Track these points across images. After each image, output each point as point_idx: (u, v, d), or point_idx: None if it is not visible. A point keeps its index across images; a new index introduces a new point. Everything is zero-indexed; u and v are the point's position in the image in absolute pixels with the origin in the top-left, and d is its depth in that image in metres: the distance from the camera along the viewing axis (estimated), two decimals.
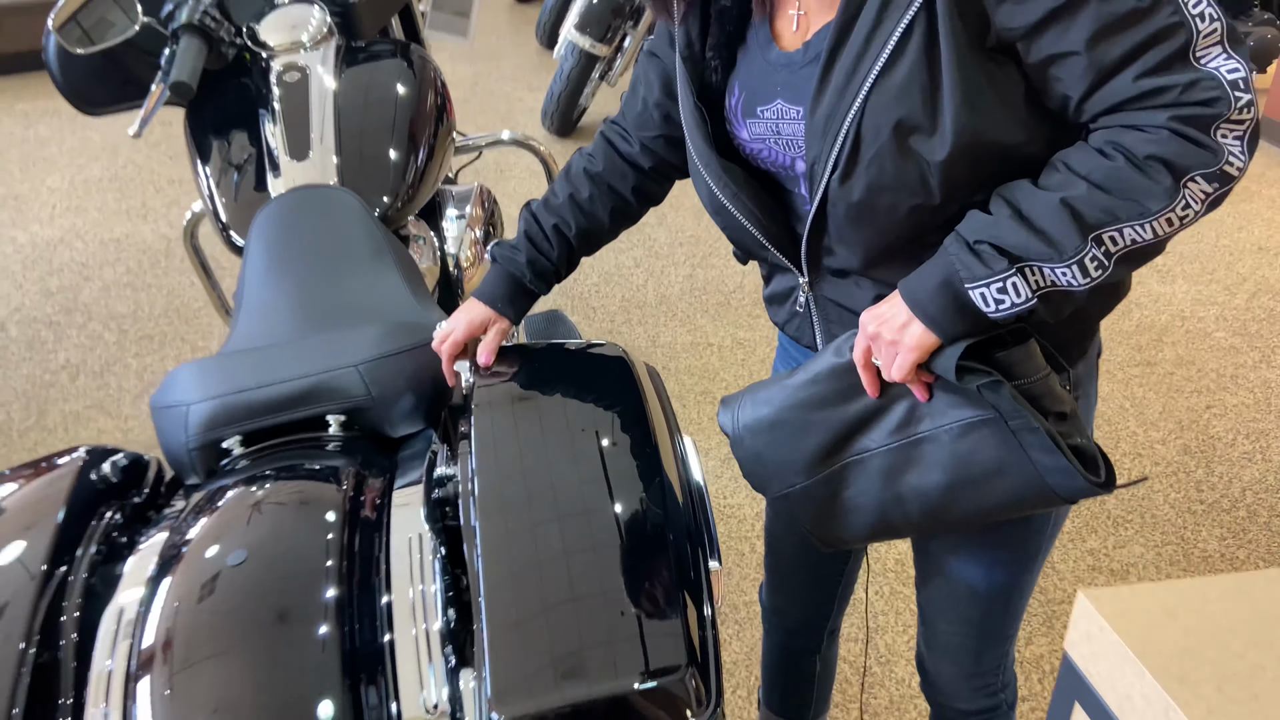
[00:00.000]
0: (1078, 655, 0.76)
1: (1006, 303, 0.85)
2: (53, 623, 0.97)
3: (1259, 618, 0.73)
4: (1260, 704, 0.66)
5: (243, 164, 1.69)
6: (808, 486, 1.02)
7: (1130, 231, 0.82)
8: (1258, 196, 3.95)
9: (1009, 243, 0.83)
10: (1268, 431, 2.57)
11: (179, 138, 4.28)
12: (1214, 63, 0.78)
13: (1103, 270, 0.83)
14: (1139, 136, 0.80)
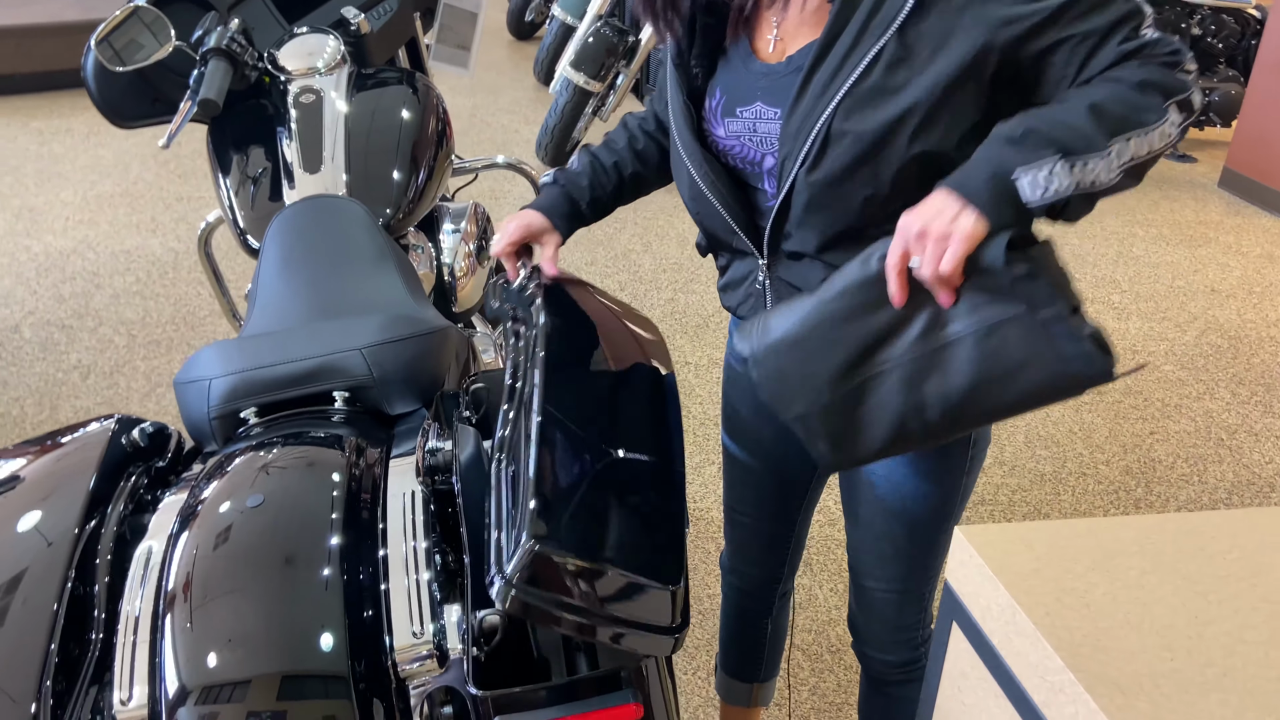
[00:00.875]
0: (954, 581, 0.93)
1: (1049, 191, 0.93)
2: (87, 567, 1.10)
3: (1101, 551, 0.89)
4: (1090, 610, 0.82)
5: (259, 175, 1.85)
6: (829, 404, 1.04)
7: (1134, 141, 0.95)
8: (1214, 242, 4.15)
9: (1053, 136, 0.94)
10: (1205, 456, 2.74)
11: (188, 158, 4.46)
12: (1160, 34, 0.99)
13: (1119, 173, 0.95)
14: (1129, 71, 0.97)
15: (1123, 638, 0.79)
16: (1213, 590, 0.85)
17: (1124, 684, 0.75)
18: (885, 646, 1.34)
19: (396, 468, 1.23)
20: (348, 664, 0.98)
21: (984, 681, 0.88)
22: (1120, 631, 0.80)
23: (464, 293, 2.02)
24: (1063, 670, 0.77)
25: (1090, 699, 0.74)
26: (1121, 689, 0.75)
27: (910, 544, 1.24)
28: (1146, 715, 0.72)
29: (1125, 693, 0.74)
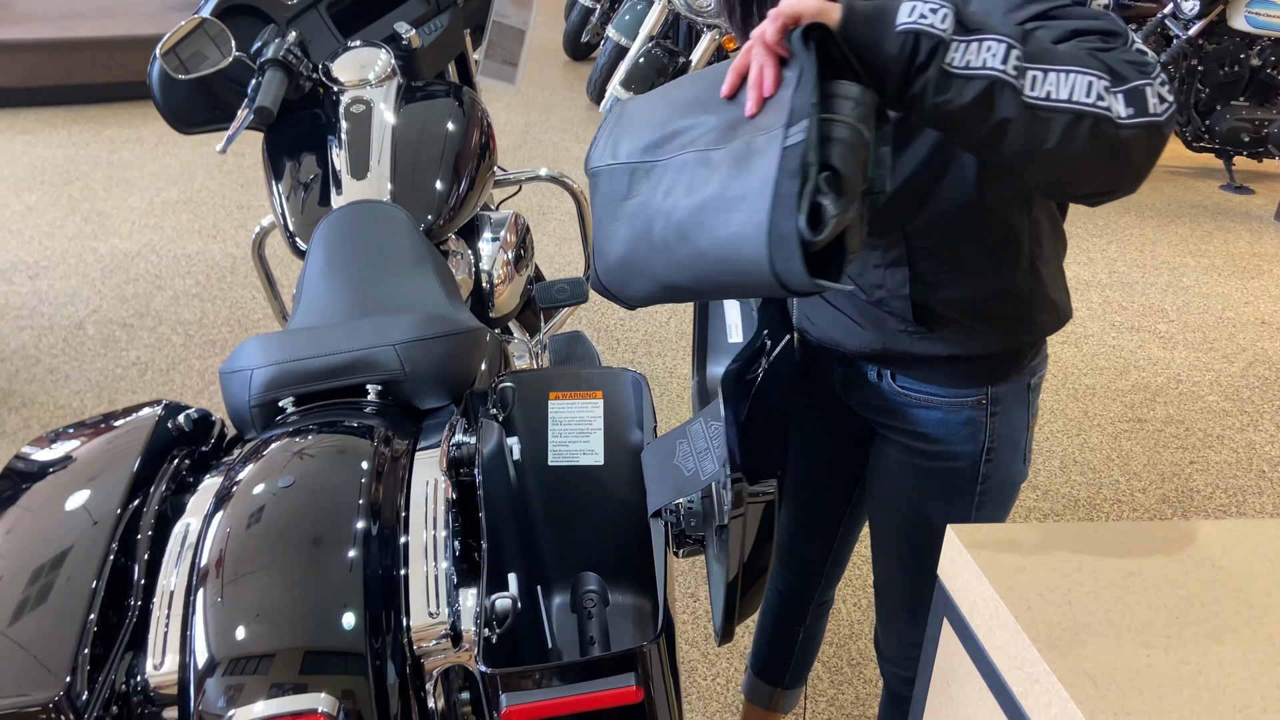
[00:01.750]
0: (945, 578, 0.95)
1: (923, 15, 0.82)
2: (129, 543, 1.17)
3: (1089, 553, 0.92)
4: (1071, 608, 0.85)
5: (310, 181, 1.94)
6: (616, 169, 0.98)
7: (1052, 77, 0.82)
8: (1267, 274, 4.09)
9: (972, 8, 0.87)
10: (1245, 488, 2.70)
11: (250, 168, 4.61)
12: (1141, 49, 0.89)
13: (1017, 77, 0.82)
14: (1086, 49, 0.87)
15: (1101, 634, 0.82)
16: (1197, 594, 0.87)
17: (1097, 676, 0.77)
18: (899, 662, 1.37)
19: (422, 459, 1.29)
20: (366, 642, 1.03)
21: (970, 675, 0.91)
22: (1099, 628, 0.82)
23: (501, 299, 2.08)
24: (1039, 662, 0.79)
25: (1063, 689, 0.76)
26: (1094, 681, 0.77)
27: (918, 565, 1.27)
28: (1116, 706, 0.75)
29: (1097, 684, 0.76)
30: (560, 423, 1.53)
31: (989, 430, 1.19)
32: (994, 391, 1.18)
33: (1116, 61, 0.85)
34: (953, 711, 0.95)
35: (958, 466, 1.20)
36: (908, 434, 1.22)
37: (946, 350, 1.15)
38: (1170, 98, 0.85)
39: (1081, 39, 0.88)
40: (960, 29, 0.83)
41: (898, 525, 1.27)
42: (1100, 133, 0.83)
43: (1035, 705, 0.79)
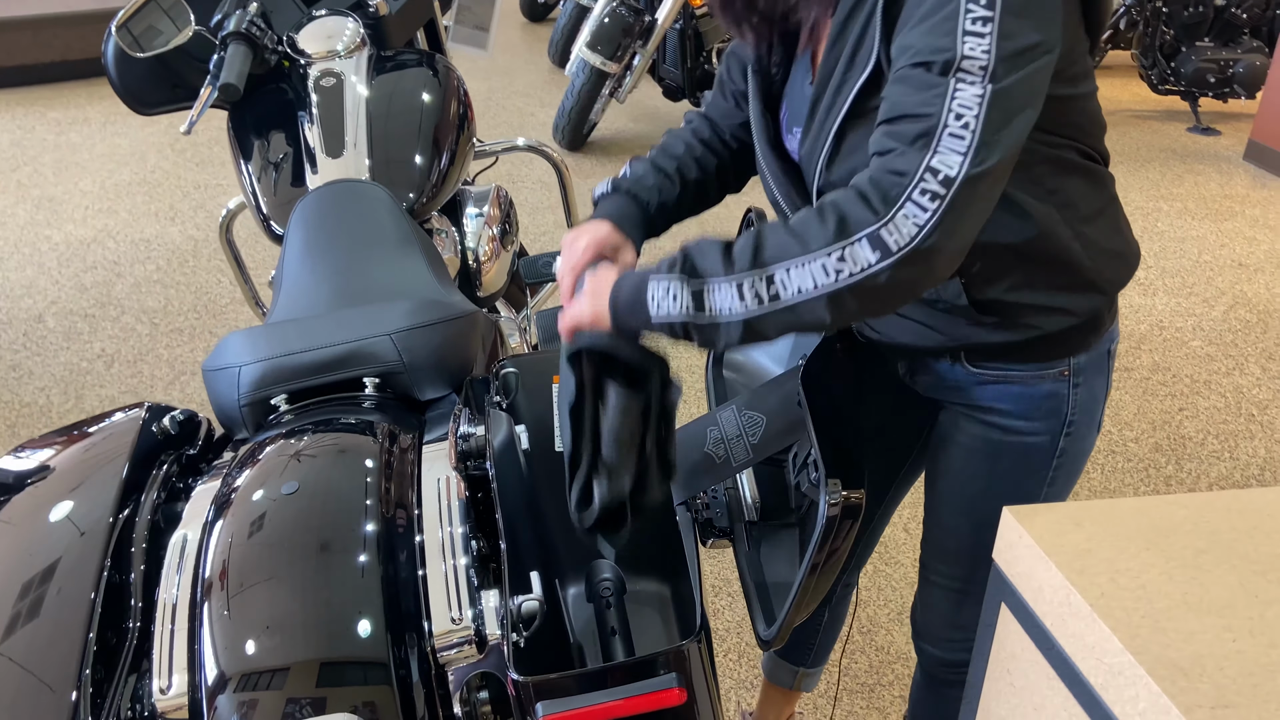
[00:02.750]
0: (1002, 562, 0.91)
1: (665, 308, 0.94)
2: (122, 556, 1.10)
3: (1153, 529, 0.87)
4: (1146, 591, 0.81)
5: (281, 161, 1.84)
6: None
7: (797, 273, 0.90)
8: (1239, 215, 4.10)
9: (694, 254, 0.95)
10: (1236, 432, 2.71)
11: (204, 146, 4.46)
12: (939, 155, 0.87)
13: (759, 303, 0.91)
14: (836, 190, 0.92)
15: (1181, 618, 0.78)
16: (1271, 569, 0.83)
17: (1185, 666, 0.73)
18: (941, 644, 1.33)
19: (430, 453, 1.22)
20: (388, 650, 0.97)
21: (1035, 664, 0.87)
22: (1178, 612, 0.78)
23: (488, 277, 2.00)
24: (1121, 652, 0.75)
25: (1152, 681, 0.72)
26: (1183, 671, 0.73)
27: (976, 544, 1.22)
28: (1212, 699, 0.71)
29: (1188, 675, 0.73)
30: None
31: (1070, 403, 1.14)
32: (1075, 362, 1.13)
33: (867, 186, 0.89)
34: (1014, 700, 0.91)
35: (1036, 442, 1.15)
36: (982, 410, 1.17)
37: (1024, 335, 1.10)
38: (921, 223, 0.86)
39: (886, 125, 0.91)
40: (695, 304, 0.93)
41: (961, 502, 1.22)
42: (863, 290, 0.89)
43: (1119, 699, 0.75)
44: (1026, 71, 0.88)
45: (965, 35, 0.87)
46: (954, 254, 0.90)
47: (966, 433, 1.18)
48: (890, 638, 2.01)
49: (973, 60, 0.87)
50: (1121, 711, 0.75)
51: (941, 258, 0.89)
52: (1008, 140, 0.88)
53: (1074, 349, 1.12)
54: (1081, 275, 1.08)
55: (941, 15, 0.88)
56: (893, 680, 1.92)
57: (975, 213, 0.89)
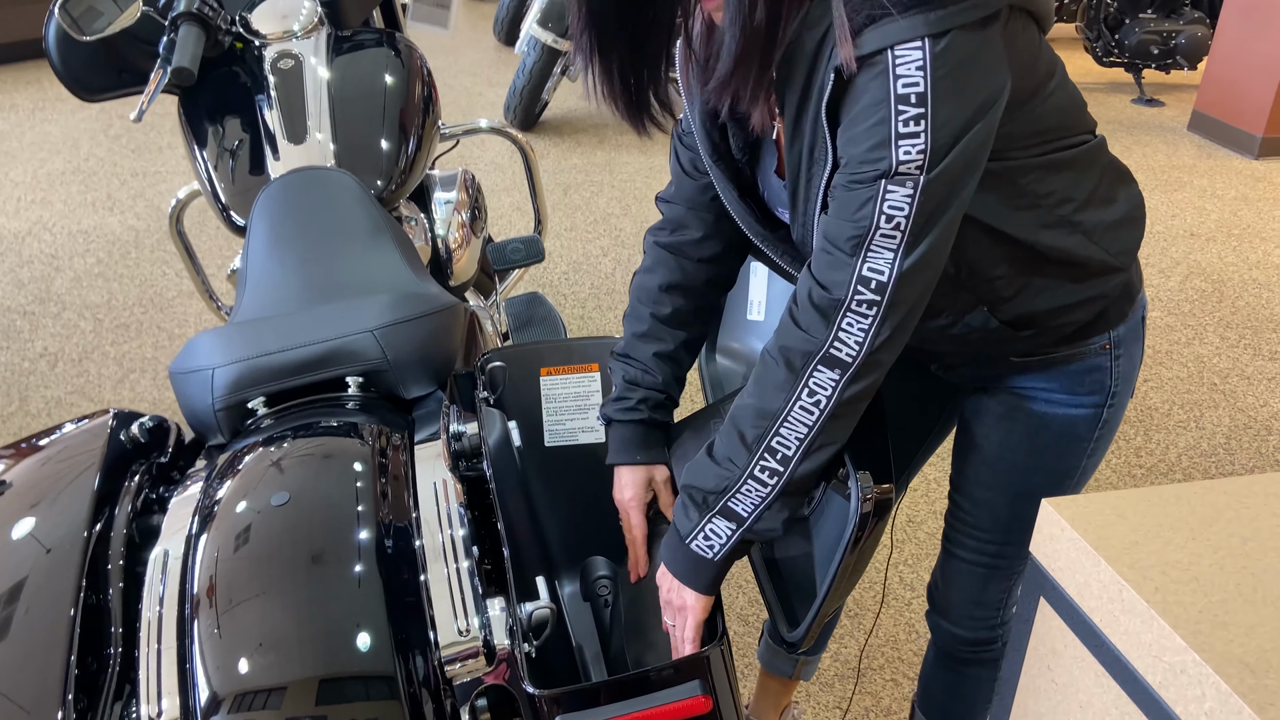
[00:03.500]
0: (1041, 555, 0.88)
1: (716, 546, 0.99)
2: (98, 573, 1.03)
3: (1196, 517, 0.85)
4: (1200, 584, 0.78)
5: (238, 148, 1.75)
6: None
7: (786, 429, 0.94)
8: (1188, 186, 4.16)
9: (696, 487, 1.00)
10: (1200, 402, 2.74)
11: (139, 132, 4.29)
12: (871, 259, 0.88)
13: (779, 478, 0.95)
14: (781, 324, 0.95)
15: (1239, 612, 0.75)
16: None
17: (1251, 662, 0.71)
18: (961, 621, 1.31)
19: (422, 454, 1.16)
20: (394, 663, 0.92)
21: (1080, 661, 0.84)
22: (1234, 605, 0.76)
23: (459, 265, 1.94)
24: (1184, 650, 0.72)
25: (1220, 680, 0.69)
26: (1250, 668, 0.70)
27: (1011, 518, 1.20)
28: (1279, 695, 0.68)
29: (1255, 672, 0.70)
30: (555, 400, 1.42)
31: (1113, 375, 1.13)
32: (1115, 334, 1.12)
33: (803, 313, 0.92)
34: (1055, 698, 0.89)
35: (1081, 414, 1.14)
36: (1025, 390, 1.15)
37: (1065, 332, 1.09)
38: (865, 329, 0.90)
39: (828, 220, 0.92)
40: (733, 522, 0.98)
41: (996, 477, 1.19)
42: (844, 403, 0.93)
43: (1182, 698, 0.73)
44: (962, 147, 0.86)
45: (899, 141, 0.85)
46: (907, 333, 0.93)
47: (1008, 408, 1.16)
48: (879, 622, 2.00)
49: (907, 163, 0.86)
50: (1185, 711, 0.73)
51: (898, 344, 0.93)
52: (941, 222, 0.89)
53: (1113, 322, 1.11)
54: (1094, 262, 1.07)
55: (874, 120, 0.86)
56: (883, 664, 1.91)
57: (915, 296, 0.91)
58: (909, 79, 0.83)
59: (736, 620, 1.99)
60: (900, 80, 0.83)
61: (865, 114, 0.86)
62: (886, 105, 0.84)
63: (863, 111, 0.86)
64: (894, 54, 0.83)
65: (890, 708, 1.82)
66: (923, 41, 0.83)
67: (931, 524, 2.26)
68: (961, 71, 0.84)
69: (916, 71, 0.83)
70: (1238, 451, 2.54)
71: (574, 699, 0.94)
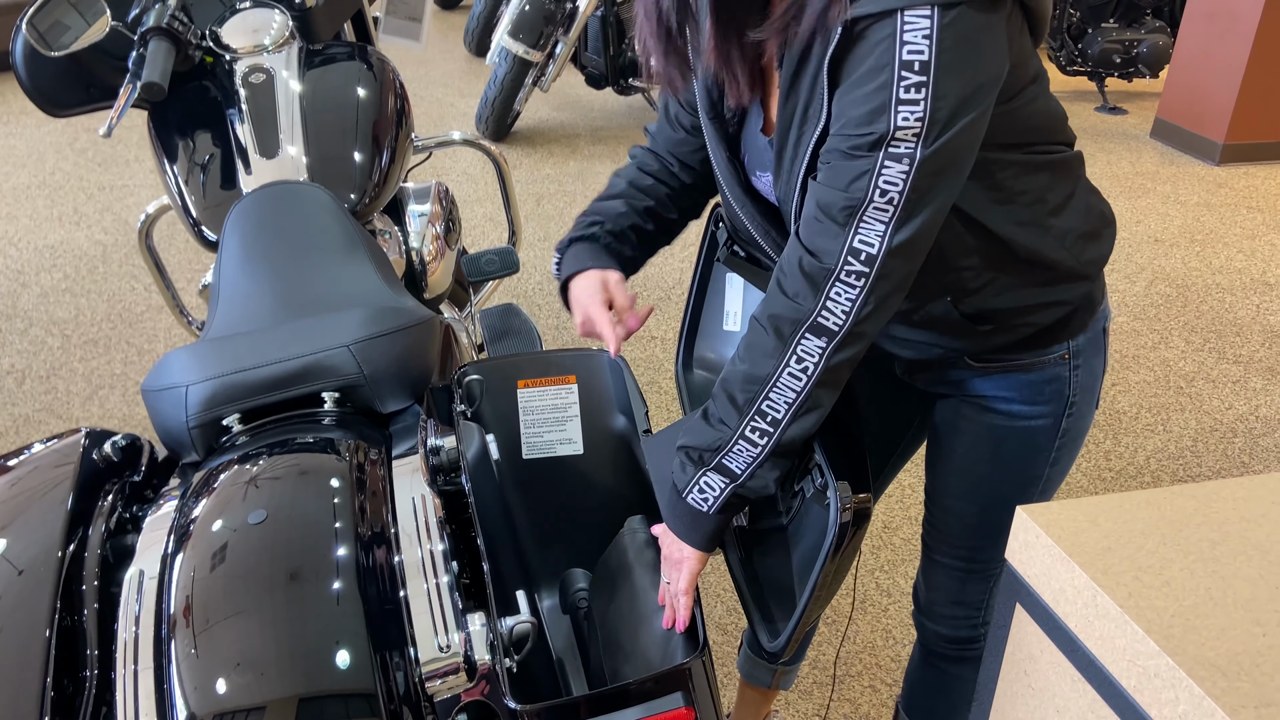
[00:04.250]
0: (1017, 562, 0.89)
1: (710, 499, 1.02)
2: (72, 595, 1.02)
3: (1166, 523, 0.87)
4: (1171, 588, 0.80)
5: (209, 163, 1.74)
6: None
7: (776, 393, 0.97)
8: (1152, 192, 4.22)
9: (692, 445, 1.02)
10: (1167, 405, 2.78)
11: (106, 146, 4.24)
12: (860, 233, 0.91)
13: (769, 439, 0.98)
14: (766, 301, 0.98)
15: (1209, 615, 0.77)
16: None
17: (1222, 665, 0.72)
18: (943, 620, 1.32)
19: (400, 469, 1.16)
20: (375, 680, 0.92)
21: (1057, 665, 0.85)
22: (1205, 609, 0.78)
23: (434, 278, 1.94)
24: (1158, 654, 0.74)
25: (1193, 684, 0.71)
26: (1222, 671, 0.72)
27: (980, 525, 1.22)
28: (1254, 698, 0.70)
29: (1226, 674, 0.72)
30: (532, 412, 1.42)
31: (1072, 385, 1.14)
32: (1074, 345, 1.13)
33: (792, 279, 0.94)
34: (1032, 702, 0.90)
35: (1040, 424, 1.16)
36: (985, 398, 1.17)
37: (1022, 334, 1.11)
38: (852, 299, 0.92)
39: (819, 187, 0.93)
40: (726, 477, 1.01)
41: (965, 487, 1.21)
42: (830, 370, 0.95)
43: (1155, 701, 0.74)
44: (959, 127, 0.88)
45: (898, 106, 0.87)
46: (894, 307, 0.96)
47: (969, 419, 1.18)
48: (855, 627, 2.01)
49: (905, 131, 0.87)
50: (1159, 715, 0.74)
51: (884, 315, 0.95)
52: (934, 203, 0.90)
53: (1073, 332, 1.13)
54: (1062, 267, 1.09)
55: (876, 84, 0.87)
56: (860, 671, 1.92)
57: (904, 272, 0.93)
58: (915, 46, 0.85)
59: (715, 630, 2.00)
60: (906, 47, 0.85)
61: (867, 77, 0.87)
62: (890, 70, 0.86)
63: (865, 74, 0.87)
64: (903, 18, 0.85)
65: (869, 714, 1.83)
66: (932, 10, 0.84)
67: (907, 530, 2.28)
68: (966, 48, 0.86)
69: (923, 40, 0.85)
70: (1204, 454, 2.58)
71: (556, 713, 0.94)
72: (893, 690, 1.88)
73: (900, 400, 1.32)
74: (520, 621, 1.03)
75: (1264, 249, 3.71)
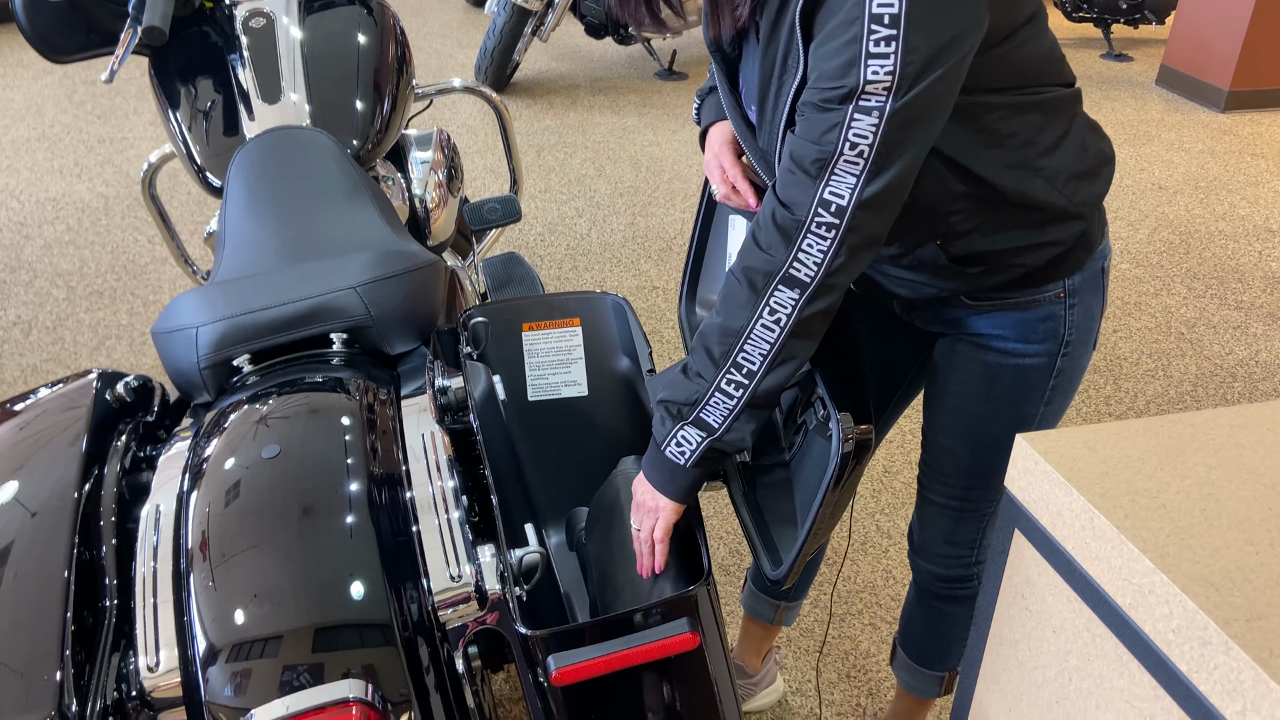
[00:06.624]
0: (1016, 489, 0.91)
1: (688, 452, 1.04)
2: (90, 531, 1.04)
3: (1164, 449, 0.88)
4: (1167, 510, 0.82)
5: (212, 109, 1.74)
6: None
7: (750, 345, 0.98)
8: (1156, 140, 4.20)
9: (670, 400, 1.04)
10: (1168, 351, 2.80)
11: (105, 96, 4.22)
12: (830, 185, 0.91)
13: (744, 390, 1.00)
14: (744, 245, 0.99)
15: (1204, 535, 0.79)
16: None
17: (1216, 581, 0.74)
18: (936, 560, 1.35)
19: (409, 408, 1.18)
20: (390, 610, 0.95)
21: (1054, 587, 0.88)
22: (1200, 529, 0.79)
23: (437, 224, 1.94)
24: (1152, 572, 0.76)
25: (1186, 599, 0.73)
26: (1215, 586, 0.74)
27: (973, 464, 1.24)
28: (1244, 610, 0.72)
29: (1219, 589, 0.74)
30: (537, 355, 1.43)
31: (1067, 323, 1.15)
32: (1070, 283, 1.14)
33: (765, 232, 0.96)
34: (1029, 624, 0.92)
35: (1034, 363, 1.16)
36: (980, 336, 1.18)
37: (1015, 274, 1.11)
38: (824, 251, 0.93)
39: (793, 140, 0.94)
40: (702, 431, 1.03)
41: (959, 425, 1.23)
42: (803, 322, 0.97)
43: (1150, 617, 0.76)
44: (930, 80, 0.88)
45: (868, 60, 0.86)
46: (866, 260, 0.96)
47: (964, 358, 1.19)
48: (855, 567, 2.05)
49: (875, 84, 0.87)
50: (1153, 630, 0.76)
51: (855, 268, 0.95)
52: (905, 156, 0.91)
53: (1067, 270, 1.13)
54: (1053, 208, 1.08)
55: (846, 38, 0.87)
56: (861, 609, 1.95)
57: (876, 225, 0.93)
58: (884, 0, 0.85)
59: (718, 570, 2.03)
60: (875, 0, 0.85)
61: (838, 30, 0.87)
62: (860, 24, 0.86)
63: (836, 28, 0.88)
64: None
65: (869, 650, 1.86)
66: None
67: (907, 474, 2.30)
68: (936, 1, 0.86)
69: None
70: (1204, 399, 2.60)
71: (565, 639, 0.97)
72: (892, 628, 1.91)
73: (900, 341, 1.33)
74: (529, 552, 1.06)
75: (1268, 195, 3.70)
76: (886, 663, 1.84)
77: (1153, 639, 0.77)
